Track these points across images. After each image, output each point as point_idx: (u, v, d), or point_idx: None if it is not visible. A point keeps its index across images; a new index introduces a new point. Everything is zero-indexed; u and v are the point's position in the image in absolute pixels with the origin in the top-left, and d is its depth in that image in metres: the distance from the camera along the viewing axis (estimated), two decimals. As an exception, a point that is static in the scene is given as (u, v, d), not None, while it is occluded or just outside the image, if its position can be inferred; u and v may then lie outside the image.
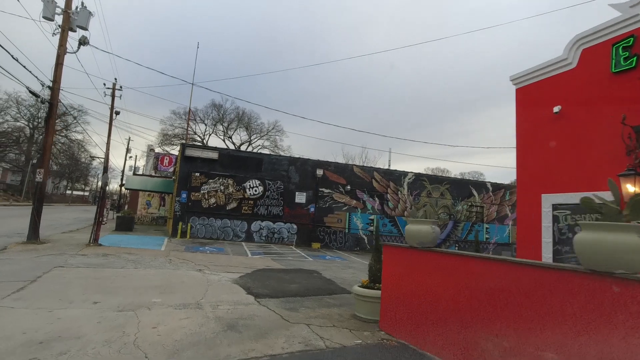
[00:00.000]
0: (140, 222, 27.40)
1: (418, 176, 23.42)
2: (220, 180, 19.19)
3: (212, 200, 18.92)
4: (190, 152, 18.63)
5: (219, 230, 18.96)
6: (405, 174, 23.13)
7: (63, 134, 78.60)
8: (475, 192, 24.78)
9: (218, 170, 19.18)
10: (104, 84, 27.09)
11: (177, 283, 7.91)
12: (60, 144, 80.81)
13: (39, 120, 73.96)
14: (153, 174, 32.73)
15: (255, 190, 19.72)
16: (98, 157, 28.35)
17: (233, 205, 19.27)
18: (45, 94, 12.52)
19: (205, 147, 19.10)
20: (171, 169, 31.79)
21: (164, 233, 20.57)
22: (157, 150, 47.59)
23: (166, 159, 33.02)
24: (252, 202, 19.62)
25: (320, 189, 20.96)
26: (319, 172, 20.65)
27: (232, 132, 45.13)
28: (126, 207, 31.92)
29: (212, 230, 18.86)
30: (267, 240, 19.76)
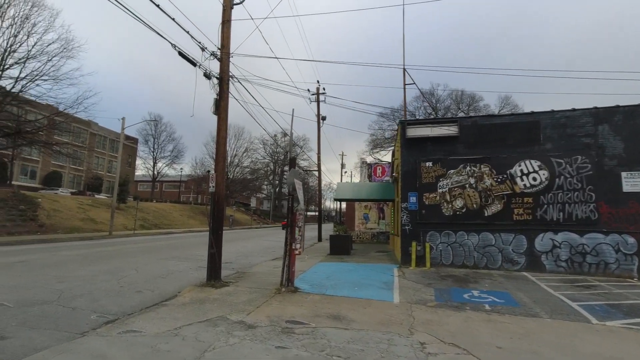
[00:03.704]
0: (359, 240, 23.05)
1: None
2: (468, 168, 11.64)
3: (459, 203, 11.56)
4: (414, 132, 12.07)
5: (476, 253, 11.30)
6: None
7: (295, 163, 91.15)
8: None
9: (461, 152, 11.75)
10: (308, 90, 24.92)
11: None
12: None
13: (278, 154, 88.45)
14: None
15: (534, 178, 11.06)
16: (312, 170, 26.82)
17: (496, 207, 11.25)
18: (214, 71, 8.69)
19: (436, 120, 12.07)
20: (386, 179, 26.90)
21: (388, 257, 14.66)
22: (369, 160, 44.90)
23: (379, 169, 28.59)
24: (530, 199, 11.03)
25: (682, 161, 10.09)
26: (674, 125, 9.92)
27: (449, 123, 36.85)
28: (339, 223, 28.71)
29: (465, 253, 11.38)
30: (571, 267, 10.54)
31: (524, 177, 11.13)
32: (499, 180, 11.32)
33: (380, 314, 5.91)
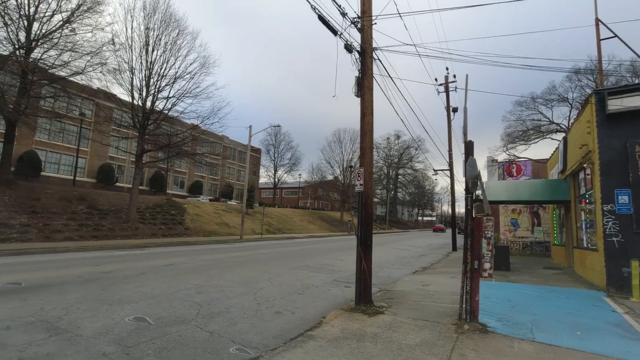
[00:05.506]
0: (508, 251, 19.07)
1: None
2: None
3: None
4: (620, 103, 8.54)
5: None
6: None
7: (409, 166, 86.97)
8: None
9: None
10: (436, 79, 22.13)
11: None
12: (407, 175, 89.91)
13: (392, 157, 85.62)
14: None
15: None
16: (442, 170, 23.78)
17: None
18: (355, 43, 7.19)
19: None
20: (523, 178, 22.24)
21: (569, 276, 11.01)
22: (500, 158, 38.91)
23: (513, 167, 23.93)
24: None
25: None
26: None
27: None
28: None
29: None
30: None
31: None
32: None
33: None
